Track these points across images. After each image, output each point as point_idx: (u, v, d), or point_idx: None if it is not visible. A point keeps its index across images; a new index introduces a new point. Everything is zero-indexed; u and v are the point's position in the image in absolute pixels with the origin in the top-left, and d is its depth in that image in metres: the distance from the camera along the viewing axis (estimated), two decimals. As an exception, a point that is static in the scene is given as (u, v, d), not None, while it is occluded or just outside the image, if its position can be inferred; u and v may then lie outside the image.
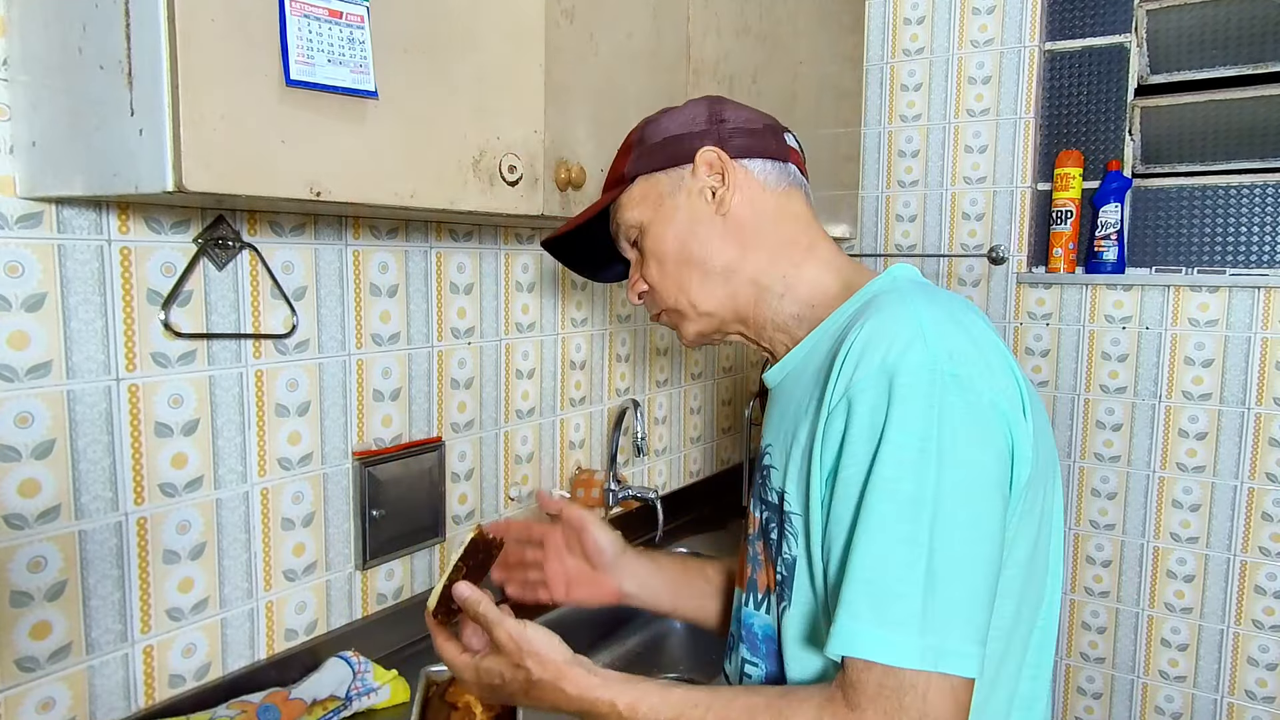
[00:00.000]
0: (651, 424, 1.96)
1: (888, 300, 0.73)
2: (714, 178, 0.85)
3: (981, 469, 0.66)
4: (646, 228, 0.87)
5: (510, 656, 0.76)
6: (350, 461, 1.29)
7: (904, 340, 0.68)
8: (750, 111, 0.89)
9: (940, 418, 0.65)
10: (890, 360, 0.67)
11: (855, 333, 0.71)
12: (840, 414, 0.69)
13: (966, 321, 0.72)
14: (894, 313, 0.70)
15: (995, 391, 0.68)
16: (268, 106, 0.80)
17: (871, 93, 2.22)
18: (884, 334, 0.69)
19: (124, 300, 1.01)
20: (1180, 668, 1.97)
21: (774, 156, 0.87)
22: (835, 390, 0.70)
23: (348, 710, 1.14)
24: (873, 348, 0.69)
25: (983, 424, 0.67)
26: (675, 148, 0.86)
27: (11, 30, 0.89)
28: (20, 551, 0.94)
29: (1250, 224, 1.89)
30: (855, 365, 0.69)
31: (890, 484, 0.65)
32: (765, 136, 0.87)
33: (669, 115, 0.90)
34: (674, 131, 0.87)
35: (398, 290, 1.34)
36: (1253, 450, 1.86)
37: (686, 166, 0.86)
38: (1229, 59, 1.88)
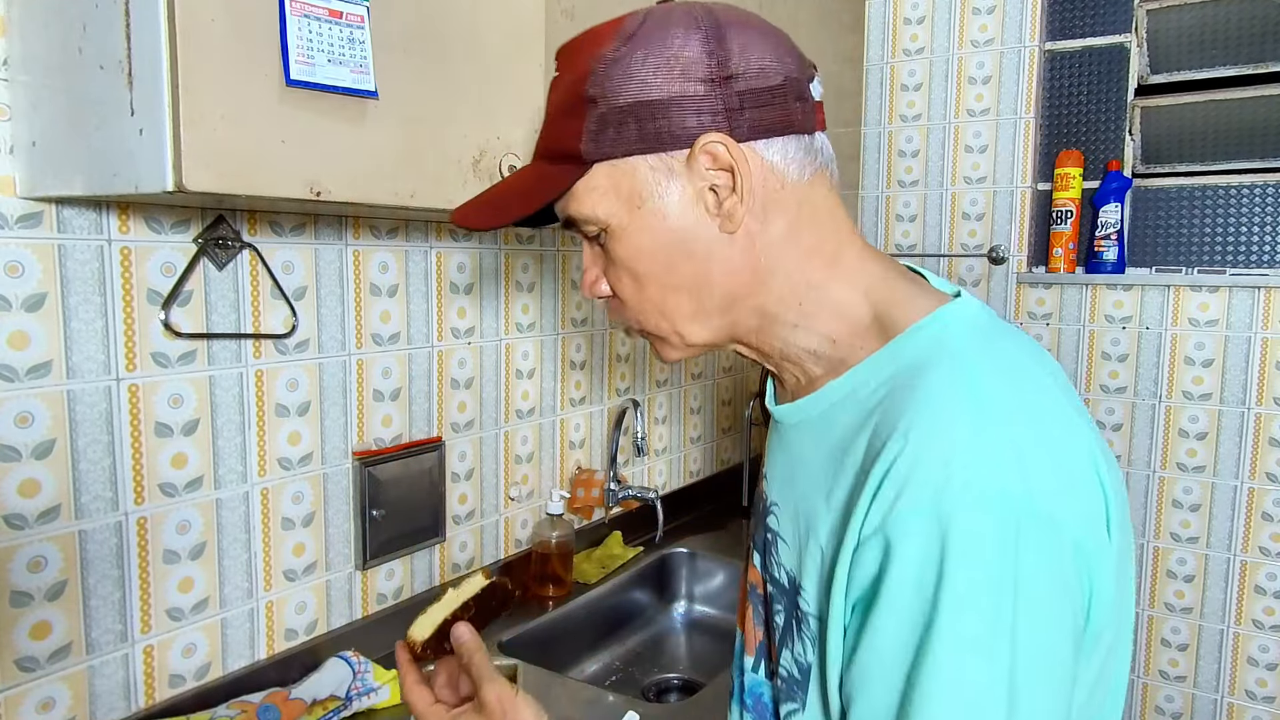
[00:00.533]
0: (651, 424, 1.96)
1: (939, 388, 0.55)
2: (719, 174, 0.60)
3: (1059, 639, 0.53)
4: (615, 232, 0.63)
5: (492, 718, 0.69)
6: (350, 461, 1.29)
7: (964, 467, 0.51)
8: (764, 45, 0.61)
9: (1015, 584, 0.51)
10: (947, 501, 0.51)
11: (897, 441, 0.54)
12: (874, 550, 0.54)
13: (1044, 410, 0.56)
14: (949, 418, 0.53)
15: (1078, 520, 0.53)
16: (268, 106, 0.80)
17: (871, 93, 2.22)
18: (936, 453, 0.52)
19: (124, 300, 1.01)
20: (1180, 668, 1.97)
21: (799, 129, 0.62)
22: (869, 516, 0.55)
23: (348, 710, 1.14)
24: (921, 473, 0.52)
25: (1063, 576, 0.52)
26: (660, 123, 0.59)
27: (11, 30, 0.89)
28: (20, 551, 0.94)
29: (1250, 224, 1.89)
30: (897, 494, 0.53)
31: (953, 671, 0.51)
32: (788, 100, 0.61)
33: (643, 54, 0.59)
34: (655, 93, 0.59)
35: (398, 290, 1.34)
36: (1253, 450, 1.86)
37: (679, 153, 0.60)
38: (1229, 59, 1.88)
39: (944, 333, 0.59)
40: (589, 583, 1.63)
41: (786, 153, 0.62)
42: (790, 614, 0.66)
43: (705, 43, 0.59)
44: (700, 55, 0.59)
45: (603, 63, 0.60)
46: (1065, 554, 0.52)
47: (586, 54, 0.62)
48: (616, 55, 0.60)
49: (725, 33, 0.60)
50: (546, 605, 1.54)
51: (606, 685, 1.55)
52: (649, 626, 1.74)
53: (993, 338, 0.60)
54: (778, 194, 0.62)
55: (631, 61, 0.59)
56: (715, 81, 0.59)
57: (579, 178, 0.62)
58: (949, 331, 0.59)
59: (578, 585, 1.62)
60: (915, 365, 0.58)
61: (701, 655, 1.70)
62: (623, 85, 0.59)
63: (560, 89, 0.64)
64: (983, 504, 0.51)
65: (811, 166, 0.63)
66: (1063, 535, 0.52)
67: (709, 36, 0.59)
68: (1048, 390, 0.57)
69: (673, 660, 1.67)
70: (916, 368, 0.57)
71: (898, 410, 0.56)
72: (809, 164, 0.63)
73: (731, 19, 0.61)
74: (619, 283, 0.66)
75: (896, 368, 0.59)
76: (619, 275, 0.66)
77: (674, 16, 0.61)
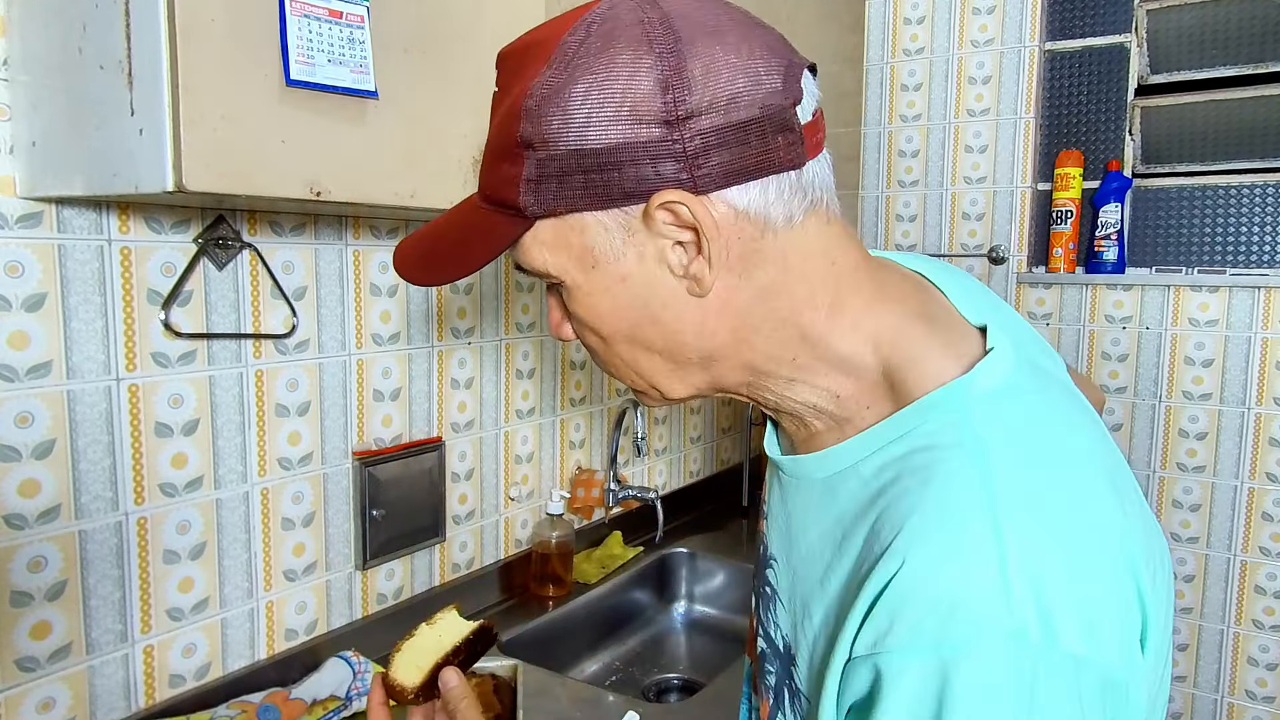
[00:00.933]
0: (651, 424, 1.96)
1: (949, 490, 0.47)
2: (681, 230, 0.50)
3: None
4: (570, 289, 0.55)
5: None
6: (350, 461, 1.29)
7: (972, 599, 0.43)
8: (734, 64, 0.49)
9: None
10: (949, 640, 0.43)
11: (896, 557, 0.46)
12: (863, 674, 0.47)
13: (1080, 512, 0.47)
14: (960, 533, 0.45)
15: (1107, 652, 0.45)
16: (268, 106, 0.80)
17: (871, 93, 2.22)
18: (941, 579, 0.44)
19: (124, 300, 1.01)
20: (1180, 668, 1.97)
21: (782, 167, 0.50)
22: (860, 635, 0.47)
23: (348, 710, 1.14)
24: (919, 602, 0.44)
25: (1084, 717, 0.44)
26: (608, 174, 0.49)
27: (11, 30, 0.89)
28: (20, 551, 0.94)
29: (1250, 224, 1.89)
30: (891, 620, 0.45)
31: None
32: (764, 133, 0.49)
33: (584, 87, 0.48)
34: (601, 139, 0.48)
35: (398, 290, 1.34)
36: (1253, 450, 1.86)
37: (633, 209, 0.50)
38: (1229, 59, 1.88)
39: (962, 416, 0.49)
40: (589, 583, 1.63)
41: (767, 196, 0.51)
42: (782, 680, 0.61)
43: (658, 68, 0.48)
44: (653, 88, 0.48)
45: (534, 98, 0.49)
46: (1090, 699, 0.44)
47: (525, 74, 0.51)
48: (551, 87, 0.49)
49: (684, 51, 0.48)
50: (546, 605, 1.54)
51: (606, 685, 1.55)
52: (649, 626, 1.74)
53: (1023, 416, 0.50)
54: (757, 244, 0.52)
55: (570, 97, 0.48)
56: (672, 123, 0.48)
57: (523, 232, 0.53)
58: (969, 414, 0.49)
59: (578, 585, 1.62)
60: (925, 453, 0.49)
61: (701, 655, 1.70)
62: (561, 129, 0.49)
63: (497, 116, 0.54)
64: (993, 650, 0.43)
65: (802, 206, 0.52)
66: (1087, 676, 0.44)
67: (663, 60, 0.48)
68: (1086, 484, 0.48)
69: (673, 660, 1.67)
70: (927, 459, 0.49)
71: (900, 512, 0.47)
72: (798, 204, 0.52)
73: (693, 27, 0.49)
74: (584, 337, 0.58)
75: (904, 450, 0.50)
76: (581, 331, 0.58)
77: (623, 28, 0.49)
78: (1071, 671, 0.43)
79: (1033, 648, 0.42)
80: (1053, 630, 0.43)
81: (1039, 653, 0.42)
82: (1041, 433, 0.50)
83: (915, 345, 0.53)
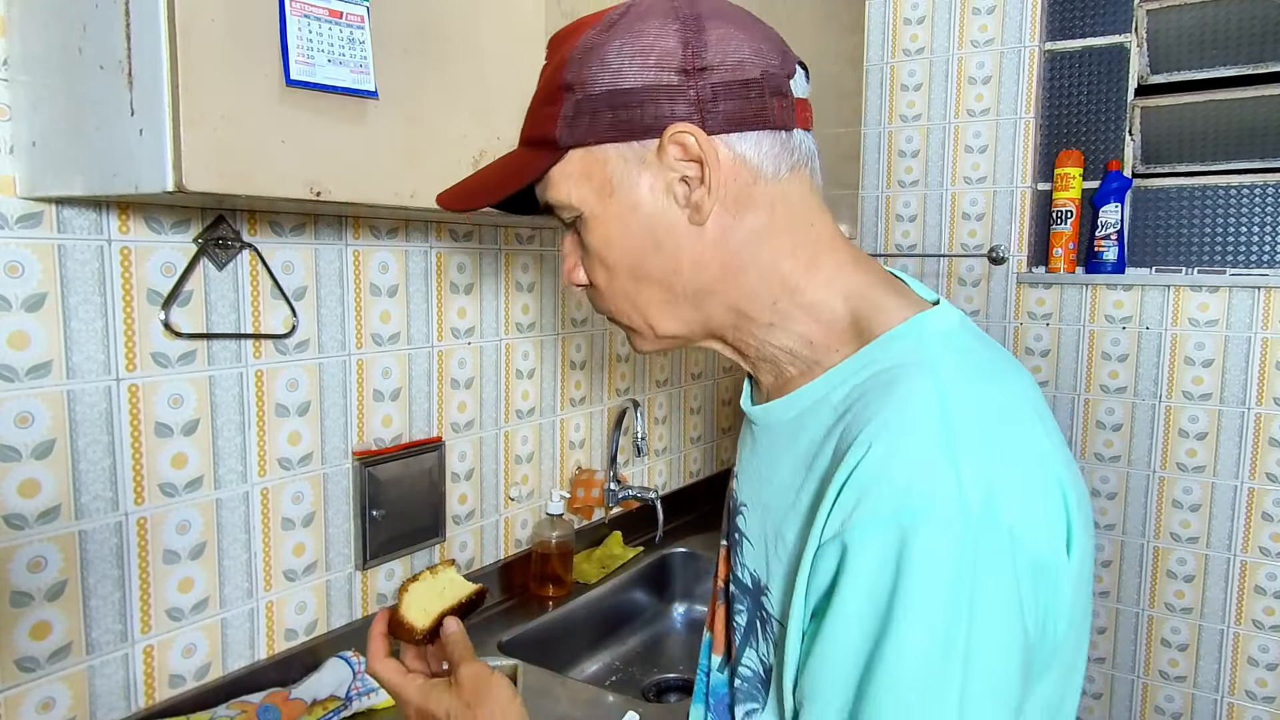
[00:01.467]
0: (651, 424, 1.96)
1: (909, 396, 0.54)
2: (689, 164, 0.60)
3: (1010, 656, 0.52)
4: (588, 220, 0.63)
5: (464, 695, 0.71)
6: (350, 461, 1.29)
7: (928, 479, 0.51)
8: (743, 38, 0.60)
9: (970, 603, 0.50)
10: (907, 510, 0.50)
11: (861, 446, 0.53)
12: (831, 555, 0.54)
13: (1012, 424, 0.56)
14: (916, 427, 0.53)
15: (1040, 538, 0.53)
16: (268, 106, 0.80)
17: (871, 93, 2.22)
18: (899, 464, 0.52)
19: (124, 300, 1.01)
20: (1180, 668, 1.97)
21: (775, 124, 0.61)
22: (829, 522, 0.54)
23: (348, 710, 1.14)
24: (883, 483, 0.52)
25: (1018, 595, 0.52)
26: (631, 112, 0.59)
27: (11, 30, 0.89)
28: (20, 551, 0.94)
29: (1250, 224, 1.89)
30: (857, 500, 0.52)
31: (902, 685, 0.51)
32: (764, 94, 0.60)
33: (620, 43, 0.60)
34: (628, 81, 0.59)
35: (398, 290, 1.34)
36: (1253, 450, 1.86)
37: (649, 142, 0.60)
38: (1229, 59, 1.88)
39: (919, 342, 0.58)
40: (589, 583, 1.63)
41: (761, 147, 0.61)
42: (754, 615, 0.67)
43: (682, 33, 0.59)
44: (676, 45, 0.59)
45: (580, 50, 0.60)
46: (1023, 571, 0.52)
47: (570, 41, 0.62)
48: (594, 43, 0.60)
49: (704, 24, 0.59)
50: (546, 605, 1.54)
51: (606, 685, 1.55)
52: (649, 626, 1.74)
53: (968, 349, 0.59)
54: (750, 189, 0.61)
55: (608, 49, 0.59)
56: (689, 72, 0.59)
57: (554, 163, 0.63)
58: (924, 341, 0.58)
59: (578, 585, 1.62)
60: (887, 373, 0.57)
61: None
62: (598, 73, 0.60)
63: (544, 76, 0.64)
64: (944, 519, 0.50)
65: (788, 163, 0.62)
66: (1021, 552, 0.51)
67: (686, 27, 0.59)
68: (1019, 407, 0.57)
69: (673, 660, 1.67)
70: (888, 376, 0.57)
71: (865, 417, 0.55)
72: (785, 160, 0.62)
73: (713, 10, 0.61)
74: (593, 271, 0.66)
75: (868, 374, 0.59)
76: (593, 264, 0.66)
77: (656, 6, 0.61)
78: (1008, 543, 0.51)
79: (976, 520, 0.50)
80: (994, 508, 0.51)
81: (981, 524, 0.50)
82: (984, 363, 0.59)
83: (880, 299, 0.62)
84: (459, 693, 0.72)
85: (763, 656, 0.65)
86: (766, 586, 0.65)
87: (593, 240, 0.64)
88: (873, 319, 0.61)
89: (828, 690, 0.54)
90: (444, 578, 0.84)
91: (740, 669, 0.69)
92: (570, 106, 0.61)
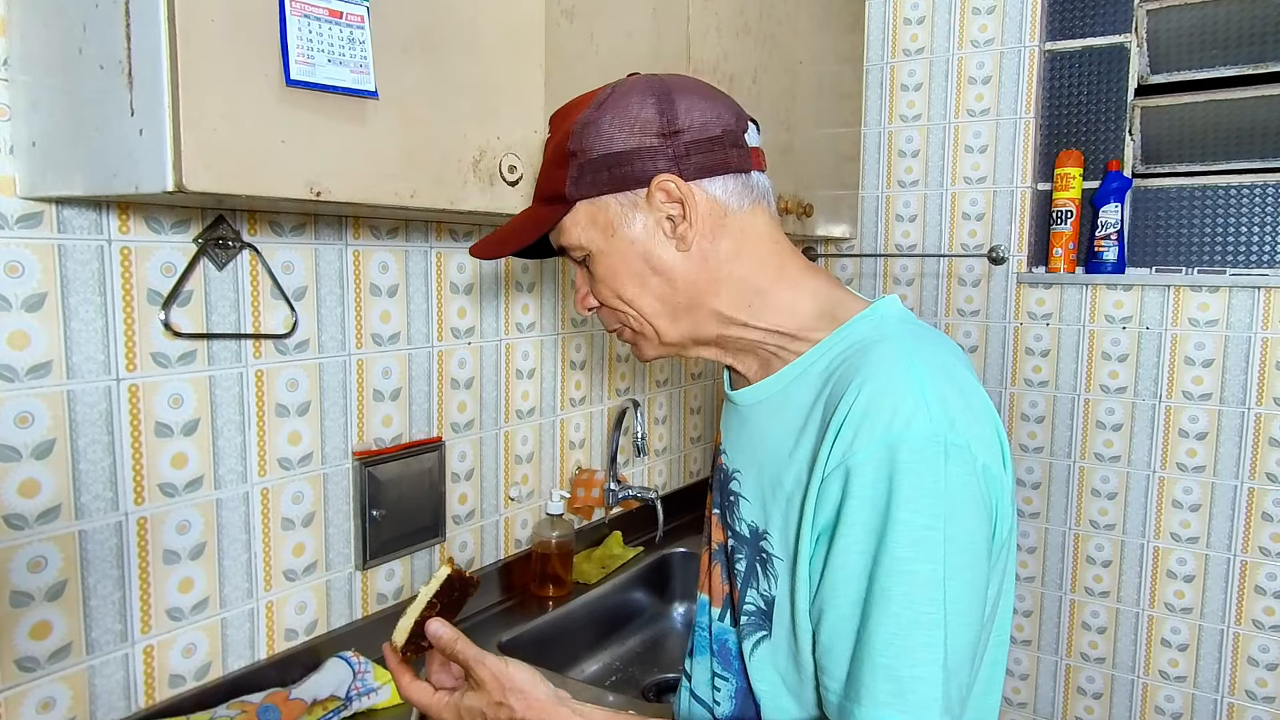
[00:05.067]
0: (651, 424, 1.96)
1: (884, 356, 0.70)
2: (673, 205, 0.76)
3: (978, 540, 0.67)
4: (596, 256, 0.79)
5: (492, 694, 0.75)
6: (350, 461, 1.29)
7: (907, 410, 0.66)
8: (705, 105, 0.77)
9: (948, 494, 0.65)
10: (894, 433, 0.66)
11: (852, 394, 0.69)
12: (836, 481, 0.68)
13: (958, 375, 0.71)
14: (893, 376, 0.68)
15: (988, 453, 0.69)
16: (268, 106, 0.80)
17: (871, 93, 2.22)
18: (885, 401, 0.67)
19: (124, 300, 1.01)
20: (1180, 668, 1.97)
21: (736, 169, 0.78)
22: (831, 455, 0.69)
23: (348, 710, 1.14)
24: (873, 416, 0.67)
25: (979, 491, 0.67)
26: (624, 169, 0.76)
27: (11, 30, 0.89)
28: (20, 551, 0.94)
29: (1250, 224, 1.89)
30: (854, 433, 0.67)
31: (904, 564, 0.65)
32: (725, 147, 0.77)
33: (610, 117, 0.77)
34: (620, 146, 0.76)
35: (398, 290, 1.34)
36: (1253, 450, 1.86)
37: (640, 191, 0.76)
38: (1229, 59, 1.88)
39: (881, 321, 0.76)
40: (589, 583, 1.63)
41: (727, 188, 0.78)
42: (753, 559, 0.80)
43: (658, 105, 0.76)
44: (654, 115, 0.76)
45: (580, 124, 0.78)
46: (978, 474, 0.67)
47: (569, 118, 0.79)
48: (590, 119, 0.77)
49: (674, 97, 0.76)
50: (546, 605, 1.54)
51: (606, 685, 1.55)
52: (649, 626, 1.74)
53: (916, 326, 0.77)
54: (722, 220, 0.78)
55: (601, 123, 0.77)
56: (666, 135, 0.76)
57: (565, 214, 0.79)
58: (886, 320, 0.76)
59: (578, 585, 1.62)
60: (862, 342, 0.74)
61: (701, 655, 1.70)
62: (595, 141, 0.77)
63: (550, 146, 0.81)
64: (920, 435, 0.66)
65: (749, 199, 0.79)
66: (976, 460, 0.67)
67: (660, 100, 0.76)
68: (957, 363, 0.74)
69: (673, 660, 1.67)
70: (864, 344, 0.73)
71: (851, 373, 0.71)
72: (747, 196, 0.79)
73: (679, 86, 0.78)
74: (602, 294, 0.82)
75: (846, 346, 0.75)
76: (600, 288, 0.82)
77: (635, 86, 0.78)
78: (968, 452, 0.67)
79: (943, 437, 0.66)
80: (955, 428, 0.67)
81: (948, 440, 0.66)
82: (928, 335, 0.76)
83: (839, 295, 0.80)
84: (485, 694, 0.75)
85: (763, 592, 0.78)
86: (765, 531, 0.78)
87: (601, 270, 0.80)
88: (839, 308, 0.78)
89: (844, 588, 0.68)
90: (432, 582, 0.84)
91: (745, 607, 0.80)
92: (575, 169, 0.77)
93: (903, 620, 0.65)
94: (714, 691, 0.86)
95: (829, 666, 0.69)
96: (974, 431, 0.68)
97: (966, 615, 0.66)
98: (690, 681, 0.92)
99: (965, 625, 0.66)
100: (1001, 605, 0.76)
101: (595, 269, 0.80)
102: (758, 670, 0.78)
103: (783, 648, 0.76)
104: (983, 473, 0.68)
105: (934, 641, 0.64)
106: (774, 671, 0.77)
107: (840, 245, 2.27)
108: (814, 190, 1.91)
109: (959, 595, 0.65)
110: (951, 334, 2.15)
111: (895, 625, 0.65)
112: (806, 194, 1.87)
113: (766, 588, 0.77)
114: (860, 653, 0.66)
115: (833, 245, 2.27)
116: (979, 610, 0.68)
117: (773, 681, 0.77)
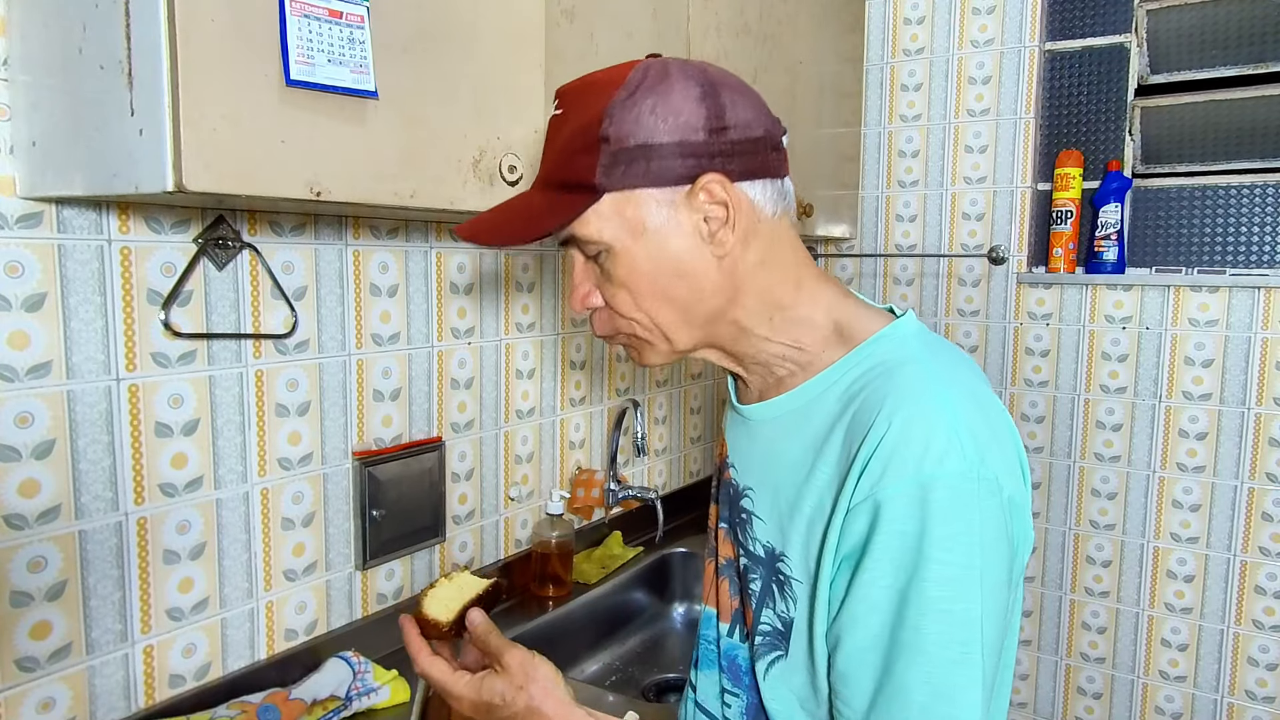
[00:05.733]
0: (651, 424, 1.96)
1: (911, 382, 0.68)
2: (716, 207, 0.70)
3: (1002, 573, 0.67)
4: (618, 254, 0.72)
5: (514, 679, 0.76)
6: (350, 461, 1.29)
7: (940, 446, 0.65)
8: (746, 104, 0.72)
9: (981, 533, 0.65)
10: (926, 471, 0.64)
11: (883, 424, 0.66)
12: (864, 514, 0.66)
13: (982, 397, 0.70)
14: (923, 405, 0.66)
15: (1013, 483, 0.68)
16: (268, 106, 0.80)
17: (871, 93, 2.22)
18: (916, 434, 0.65)
19: (124, 300, 1.01)
20: (1180, 668, 1.97)
21: (773, 174, 0.74)
22: (858, 487, 0.67)
23: (348, 710, 1.14)
24: (904, 451, 0.65)
25: (1003, 524, 0.67)
26: (666, 163, 0.69)
27: (11, 30, 0.89)
28: (20, 551, 0.94)
29: (1250, 224, 1.89)
30: (884, 467, 0.65)
31: (938, 604, 0.64)
32: (766, 150, 0.72)
33: (651, 102, 0.69)
34: (663, 138, 0.69)
35: (398, 290, 1.34)
36: (1253, 450, 1.86)
37: (681, 188, 0.70)
38: (1229, 59, 1.88)
39: (903, 342, 0.73)
40: (589, 583, 1.63)
41: (765, 193, 0.73)
42: (769, 579, 0.77)
43: (703, 98, 0.69)
44: (700, 108, 0.69)
45: (616, 108, 0.69)
46: (1004, 506, 0.66)
47: (595, 99, 0.70)
48: (625, 104, 0.69)
49: (719, 91, 0.70)
50: (546, 605, 1.54)
51: (606, 685, 1.55)
52: (649, 626, 1.74)
53: (934, 345, 0.75)
54: (756, 227, 0.73)
55: (641, 109, 0.69)
56: (713, 131, 0.69)
57: (590, 205, 0.71)
58: (906, 341, 0.73)
59: (578, 585, 1.62)
60: (885, 365, 0.71)
61: (701, 655, 1.70)
62: (633, 129, 0.69)
63: (568, 127, 0.72)
64: (954, 473, 0.64)
65: (781, 205, 0.75)
66: (1002, 493, 0.66)
67: (706, 93, 0.70)
68: (979, 384, 0.73)
69: (673, 660, 1.67)
70: (887, 367, 0.71)
71: (877, 398, 0.68)
72: (780, 203, 0.75)
73: (721, 79, 0.72)
74: (614, 297, 0.74)
75: (868, 366, 0.72)
76: (614, 290, 0.74)
77: (673, 72, 0.70)
78: (996, 487, 0.66)
79: (974, 472, 0.65)
80: (985, 463, 0.65)
81: (979, 475, 0.65)
82: (947, 354, 0.74)
83: (852, 310, 0.77)
84: (509, 678, 0.76)
85: (780, 613, 0.76)
86: (783, 553, 0.76)
87: (620, 271, 0.73)
88: (853, 325, 0.75)
89: (867, 618, 0.67)
90: (460, 579, 0.87)
91: (760, 627, 0.78)
92: (607, 156, 0.69)
93: (938, 660, 0.64)
94: (724, 707, 0.85)
95: (845, 694, 0.69)
96: (1001, 464, 0.67)
97: (992, 645, 0.67)
98: (696, 693, 0.91)
99: (992, 655, 0.67)
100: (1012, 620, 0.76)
101: (614, 268, 0.72)
102: (772, 689, 0.77)
103: (800, 669, 0.75)
104: (1007, 504, 0.67)
105: (972, 681, 0.64)
106: (789, 691, 0.76)
107: (840, 245, 2.27)
108: (814, 190, 1.92)
109: (990, 631, 0.65)
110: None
111: (929, 664, 0.64)
112: (806, 194, 1.87)
113: (784, 609, 0.75)
114: (890, 689, 0.65)
115: (833, 245, 2.27)
116: (1000, 639, 0.68)
117: (787, 701, 0.76)
